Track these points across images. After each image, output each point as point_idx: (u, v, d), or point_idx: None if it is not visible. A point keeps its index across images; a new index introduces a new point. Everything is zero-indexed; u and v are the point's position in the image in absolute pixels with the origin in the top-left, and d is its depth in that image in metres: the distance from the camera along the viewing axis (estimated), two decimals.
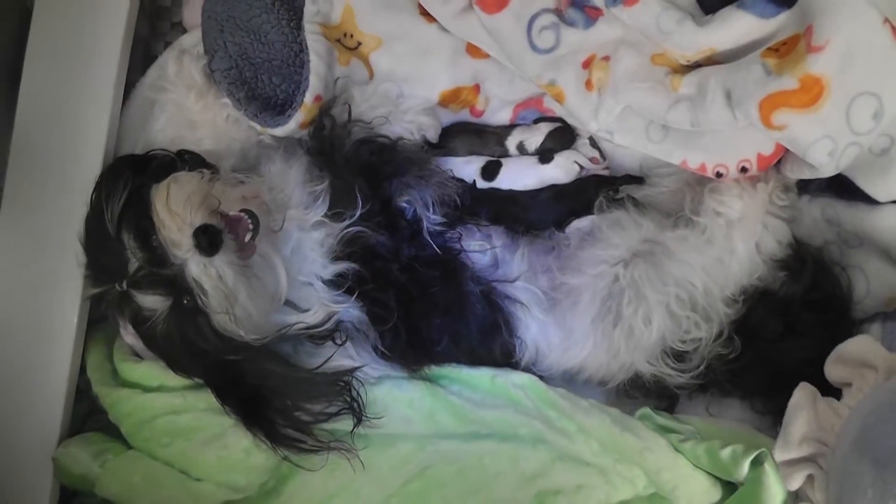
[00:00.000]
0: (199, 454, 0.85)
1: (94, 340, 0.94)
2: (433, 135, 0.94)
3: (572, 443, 0.86)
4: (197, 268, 0.74)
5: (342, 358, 0.83)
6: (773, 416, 0.87)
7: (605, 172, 0.96)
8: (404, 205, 0.87)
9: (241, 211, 0.77)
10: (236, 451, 0.84)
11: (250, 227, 0.77)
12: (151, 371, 0.88)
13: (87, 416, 0.96)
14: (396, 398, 0.87)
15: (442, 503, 0.86)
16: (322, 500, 0.86)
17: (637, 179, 0.95)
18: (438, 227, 0.87)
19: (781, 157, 0.83)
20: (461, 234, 0.88)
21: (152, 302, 0.76)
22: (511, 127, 0.97)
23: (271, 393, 0.80)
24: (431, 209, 0.87)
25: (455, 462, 0.86)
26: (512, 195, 0.94)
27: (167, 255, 0.74)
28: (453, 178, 0.92)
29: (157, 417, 0.86)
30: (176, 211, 0.74)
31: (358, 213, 0.83)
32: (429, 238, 0.85)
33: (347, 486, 0.86)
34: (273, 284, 0.79)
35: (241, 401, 0.80)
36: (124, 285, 0.75)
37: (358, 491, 0.86)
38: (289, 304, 0.82)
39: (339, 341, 0.82)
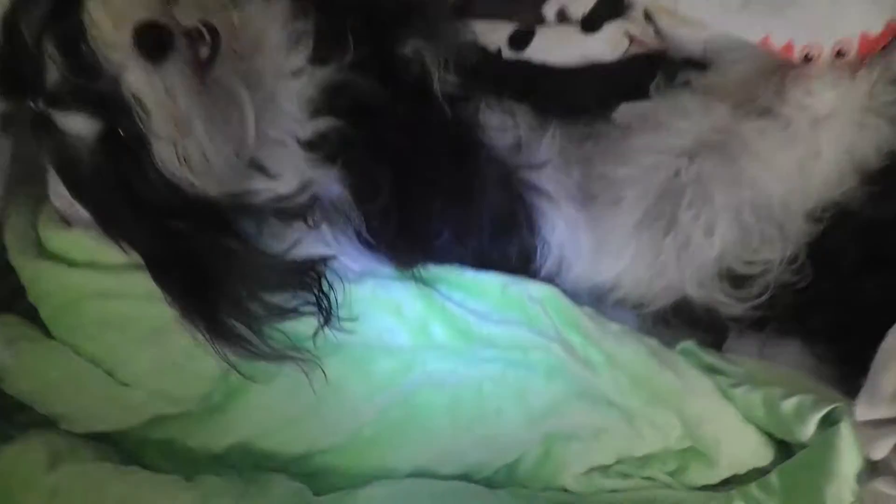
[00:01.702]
0: (129, 352, 0.76)
1: (17, 205, 0.83)
2: None
3: (596, 376, 0.77)
4: (137, 77, 0.63)
5: (315, 243, 0.74)
6: (837, 365, 0.79)
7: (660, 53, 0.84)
8: (409, 54, 0.76)
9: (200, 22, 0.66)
10: (174, 351, 0.75)
11: (208, 40, 0.66)
12: (81, 241, 0.77)
13: (11, 298, 0.83)
14: (380, 301, 0.78)
15: (426, 438, 0.78)
16: (279, 424, 0.78)
17: (699, 65, 0.82)
18: (451, 89, 0.76)
19: (892, 40, 0.74)
20: (478, 106, 0.77)
21: (77, 125, 0.66)
22: None
23: (223, 276, 0.70)
24: (443, 64, 0.76)
25: (448, 388, 0.78)
26: (545, 69, 0.83)
27: (99, 63, 0.64)
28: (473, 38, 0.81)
29: (84, 300, 0.77)
30: (114, 4, 0.63)
31: (349, 56, 0.73)
32: (439, 97, 0.74)
33: (312, 409, 0.77)
34: (238, 124, 0.68)
35: (182, 282, 0.70)
36: (41, 103, 0.65)
37: (324, 416, 0.77)
38: (256, 166, 0.71)
39: (312, 222, 0.73)
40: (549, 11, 0.84)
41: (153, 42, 0.63)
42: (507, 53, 0.83)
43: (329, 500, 0.75)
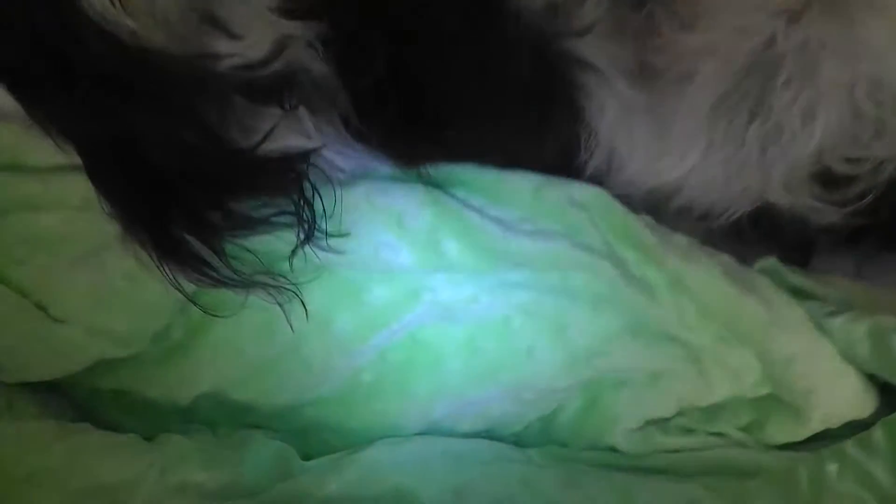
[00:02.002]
0: (62, 279, 0.67)
1: None
2: None
3: (656, 304, 0.67)
4: None
5: (293, 134, 0.63)
6: None
7: None
8: None
9: None
10: (115, 277, 0.65)
11: None
12: (4, 135, 0.68)
13: None
14: (377, 209, 0.68)
15: (439, 386, 0.69)
16: (253, 370, 0.69)
17: None
18: None
19: None
20: None
21: None
22: None
23: (176, 177, 0.61)
24: None
25: (465, 322, 0.68)
26: None
27: None
28: None
29: (10, 214, 0.68)
30: None
31: None
32: None
33: (293, 350, 0.68)
34: None
35: (125, 184, 0.61)
36: None
37: (308, 359, 0.68)
38: (213, 21, 0.60)
39: (288, 104, 0.61)
40: None
41: None
42: None
43: (321, 464, 0.67)
